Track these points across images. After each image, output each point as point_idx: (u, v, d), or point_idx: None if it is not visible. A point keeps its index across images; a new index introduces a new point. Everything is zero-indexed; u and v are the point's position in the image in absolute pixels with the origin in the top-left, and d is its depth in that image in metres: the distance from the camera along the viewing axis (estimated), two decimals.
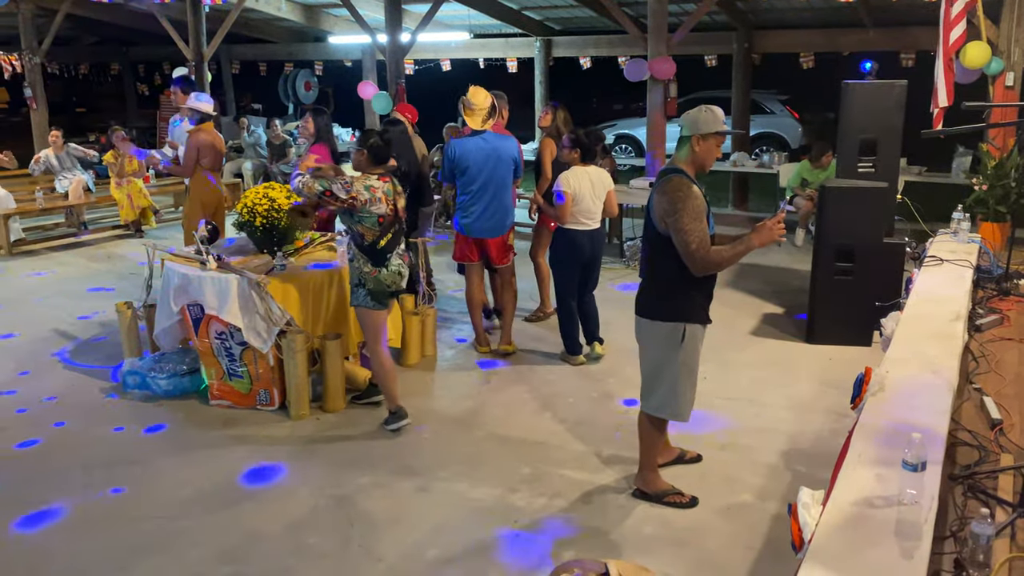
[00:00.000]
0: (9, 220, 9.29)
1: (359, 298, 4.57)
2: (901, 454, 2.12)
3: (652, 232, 3.65)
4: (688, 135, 3.62)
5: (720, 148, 3.65)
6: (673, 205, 3.49)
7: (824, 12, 11.02)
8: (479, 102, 5.56)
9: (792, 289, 7.38)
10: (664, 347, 3.69)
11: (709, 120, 3.57)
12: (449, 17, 13.64)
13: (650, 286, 3.74)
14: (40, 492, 4.09)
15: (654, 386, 3.78)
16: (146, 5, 10.38)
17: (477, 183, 5.59)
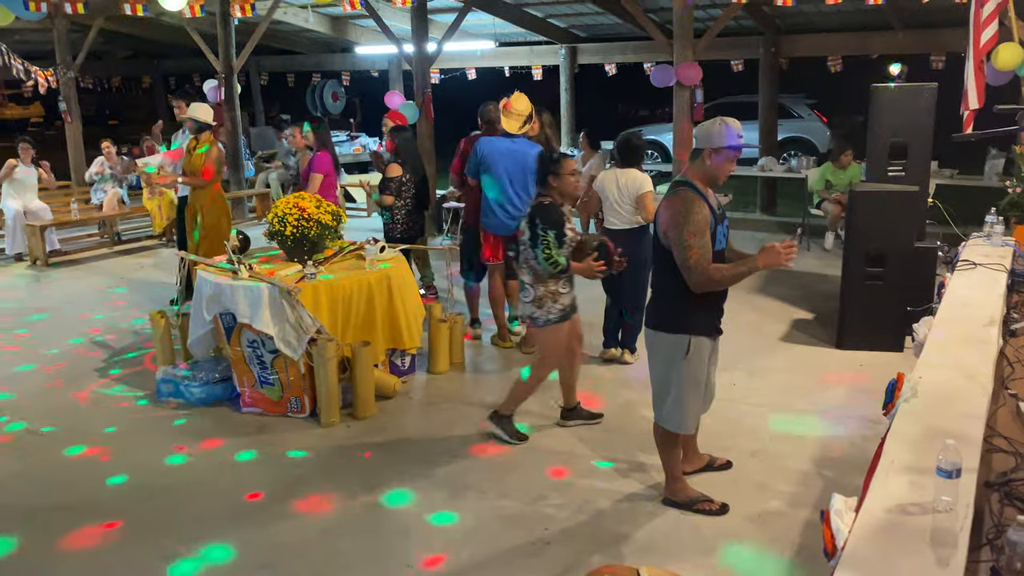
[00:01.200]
0: (45, 231, 9.48)
1: (552, 314, 4.44)
2: (935, 461, 2.10)
3: (656, 244, 3.66)
4: (700, 147, 3.60)
5: (735, 162, 3.61)
6: (675, 219, 3.48)
7: (852, 15, 10.94)
8: (520, 108, 5.78)
9: (822, 294, 7.32)
10: (670, 359, 3.69)
11: (722, 133, 3.52)
12: (475, 26, 13.72)
13: (657, 297, 3.77)
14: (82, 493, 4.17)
15: (663, 397, 3.79)
16: (176, 18, 10.55)
17: (502, 183, 5.80)
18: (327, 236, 5.32)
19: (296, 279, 4.96)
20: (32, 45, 14.38)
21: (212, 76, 12.03)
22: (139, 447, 4.73)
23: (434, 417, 5.07)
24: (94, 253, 10.09)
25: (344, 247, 5.65)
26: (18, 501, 4.15)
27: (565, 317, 4.50)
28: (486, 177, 5.84)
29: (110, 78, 20.40)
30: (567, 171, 4.41)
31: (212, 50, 11.44)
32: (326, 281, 5.03)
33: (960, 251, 4.96)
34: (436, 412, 5.15)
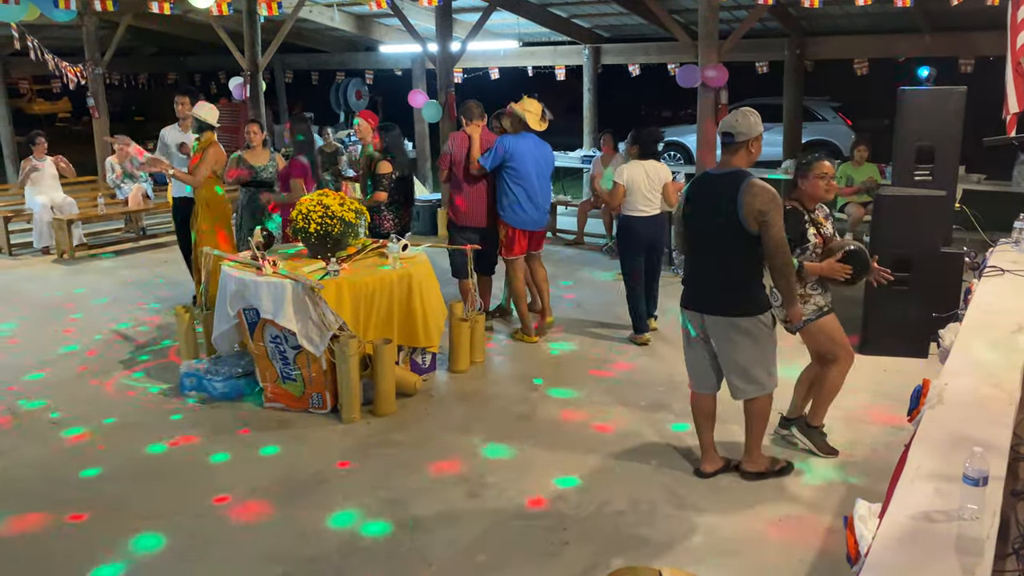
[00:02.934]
0: (72, 225, 9.59)
1: (807, 314, 4.30)
2: (961, 468, 2.08)
3: (734, 231, 3.78)
4: (744, 139, 3.85)
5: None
6: (774, 200, 3.73)
7: (879, 17, 10.84)
8: (536, 107, 6.16)
9: (845, 298, 7.22)
10: (762, 336, 3.95)
11: (759, 122, 3.89)
12: (498, 26, 13.72)
13: (734, 285, 3.90)
14: None
15: (753, 373, 3.97)
16: (203, 16, 10.64)
17: (528, 179, 6.10)
18: (350, 234, 5.35)
19: (319, 276, 5.00)
20: (62, 41, 14.54)
21: (237, 73, 12.12)
22: (150, 437, 4.78)
23: (453, 415, 5.09)
24: (119, 247, 10.20)
25: (367, 244, 5.68)
26: (44, 490, 4.22)
27: (823, 314, 4.36)
28: (512, 173, 6.05)
29: (137, 75, 20.60)
30: (816, 174, 4.22)
31: (238, 48, 11.52)
32: (349, 278, 5.06)
33: (987, 257, 4.90)
34: (456, 411, 5.17)
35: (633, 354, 6.07)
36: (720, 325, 3.94)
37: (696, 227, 3.99)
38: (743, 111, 3.90)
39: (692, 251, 4.07)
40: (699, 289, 4.01)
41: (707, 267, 3.97)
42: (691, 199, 4.01)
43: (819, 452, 4.45)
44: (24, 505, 4.06)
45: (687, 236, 4.09)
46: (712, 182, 3.93)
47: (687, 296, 4.07)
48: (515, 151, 6.04)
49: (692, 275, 4.06)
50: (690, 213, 4.00)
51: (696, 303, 4.01)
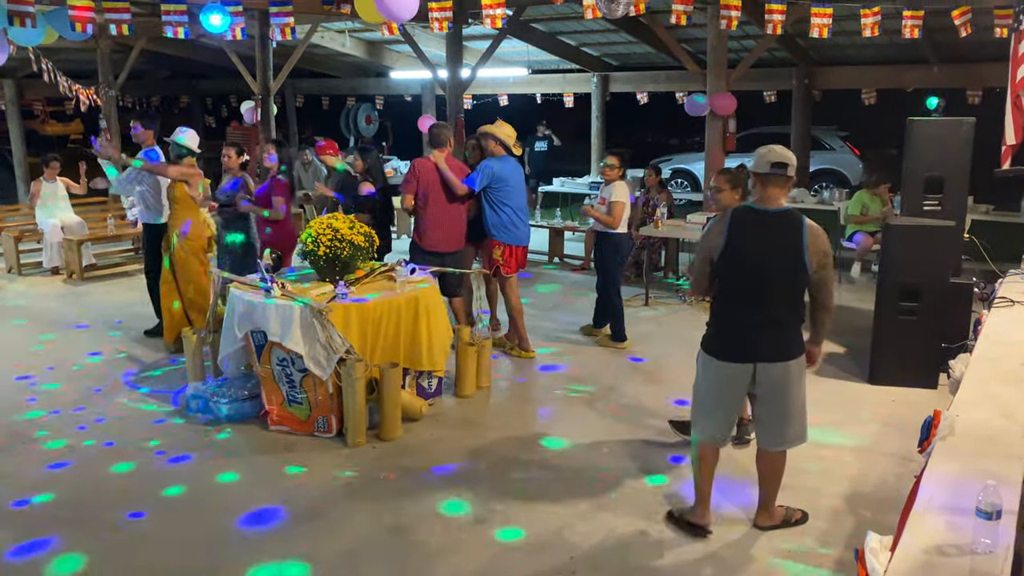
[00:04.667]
0: (82, 246, 9.64)
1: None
2: (974, 501, 2.06)
3: (795, 271, 3.60)
4: (794, 173, 3.67)
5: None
6: (827, 245, 3.63)
7: (887, 49, 10.92)
8: (512, 132, 6.41)
9: (853, 328, 7.23)
10: (803, 378, 3.78)
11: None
12: (508, 53, 13.86)
13: (794, 327, 3.70)
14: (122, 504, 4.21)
15: (797, 419, 3.80)
16: (216, 41, 10.76)
17: (515, 198, 6.33)
18: (359, 257, 5.37)
19: (327, 299, 5.00)
20: (76, 64, 14.73)
21: (249, 97, 12.24)
22: (164, 460, 4.76)
23: (459, 441, 5.07)
24: (128, 268, 10.24)
25: (375, 268, 5.69)
26: (71, 515, 4.20)
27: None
28: (501, 194, 6.25)
29: (150, 97, 20.82)
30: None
31: (250, 72, 11.65)
32: (356, 302, 5.07)
33: (997, 288, 4.89)
34: (462, 436, 5.14)
35: (641, 380, 6.05)
36: (779, 371, 3.66)
37: (750, 266, 3.62)
38: (781, 146, 3.70)
39: (741, 293, 3.68)
40: (754, 335, 3.66)
41: (764, 310, 3.63)
42: (738, 236, 3.63)
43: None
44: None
45: (731, 275, 3.68)
46: (764, 219, 3.62)
47: (737, 346, 3.69)
48: (502, 173, 6.24)
49: (742, 321, 3.68)
50: (740, 251, 3.62)
51: (752, 352, 3.66)
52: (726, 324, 3.75)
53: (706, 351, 3.81)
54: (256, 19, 10.80)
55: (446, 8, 8.07)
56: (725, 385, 3.76)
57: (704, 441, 3.89)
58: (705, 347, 3.83)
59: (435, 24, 8.14)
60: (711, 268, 3.73)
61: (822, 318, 3.81)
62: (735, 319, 3.72)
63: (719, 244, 3.65)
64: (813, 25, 7.78)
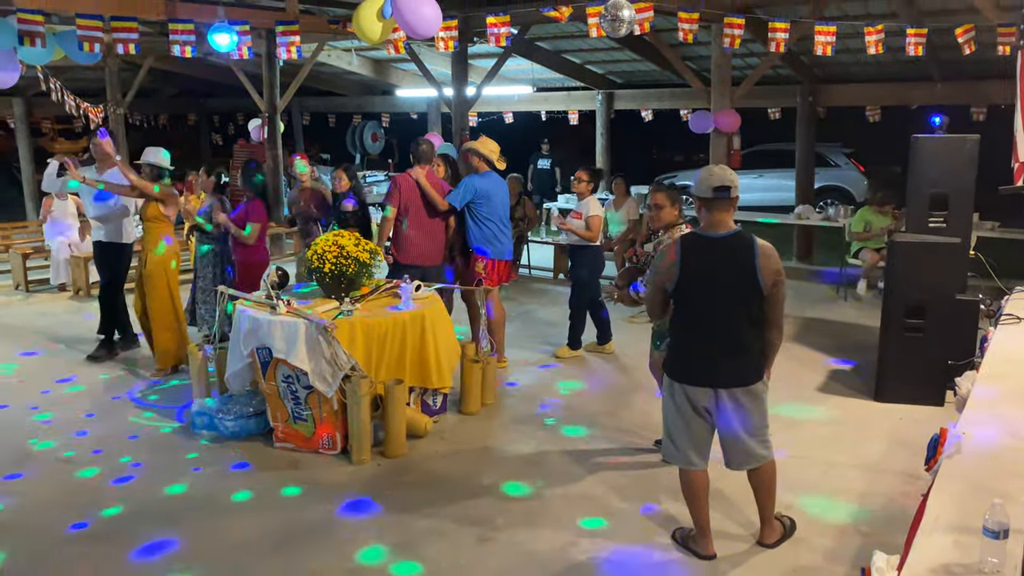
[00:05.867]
0: (89, 262, 9.68)
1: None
2: (981, 520, 2.05)
3: (749, 294, 3.58)
4: (735, 195, 3.63)
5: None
6: (779, 263, 3.61)
7: (891, 66, 10.95)
8: (496, 147, 6.53)
9: (859, 345, 7.21)
10: (765, 397, 3.78)
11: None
12: (513, 72, 13.94)
13: (749, 352, 3.66)
14: (144, 526, 4.20)
15: (767, 436, 3.82)
16: (223, 60, 10.85)
17: (498, 212, 6.45)
18: (364, 274, 5.38)
19: (332, 316, 5.01)
20: (84, 83, 14.87)
21: (256, 115, 12.32)
22: (172, 477, 4.77)
23: (464, 459, 5.06)
24: (133, 285, 10.24)
25: (380, 285, 5.70)
26: (52, 529, 4.20)
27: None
28: (484, 210, 6.37)
29: (157, 115, 20.98)
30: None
31: (257, 90, 11.73)
32: (362, 318, 5.08)
33: (1003, 305, 4.88)
34: (466, 454, 5.13)
35: (647, 398, 6.03)
36: (738, 395, 3.66)
37: (705, 294, 3.63)
38: (720, 166, 3.70)
39: (697, 320, 3.68)
40: (714, 361, 3.66)
41: (721, 336, 3.63)
42: (690, 265, 3.62)
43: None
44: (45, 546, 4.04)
45: (687, 303, 3.69)
46: (715, 245, 3.61)
47: (697, 371, 3.69)
48: (485, 189, 6.36)
49: (702, 346, 3.68)
50: (693, 280, 3.62)
51: (711, 377, 3.66)
52: (685, 349, 3.75)
53: (671, 376, 3.78)
54: (263, 38, 10.89)
55: (451, 28, 8.13)
56: (691, 410, 3.73)
57: (689, 469, 3.82)
58: (669, 372, 3.80)
59: (441, 43, 8.20)
60: (664, 296, 3.76)
61: (772, 337, 3.74)
62: (694, 344, 3.72)
63: (673, 275, 3.64)
64: (816, 43, 7.81)
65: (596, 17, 7.25)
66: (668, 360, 3.84)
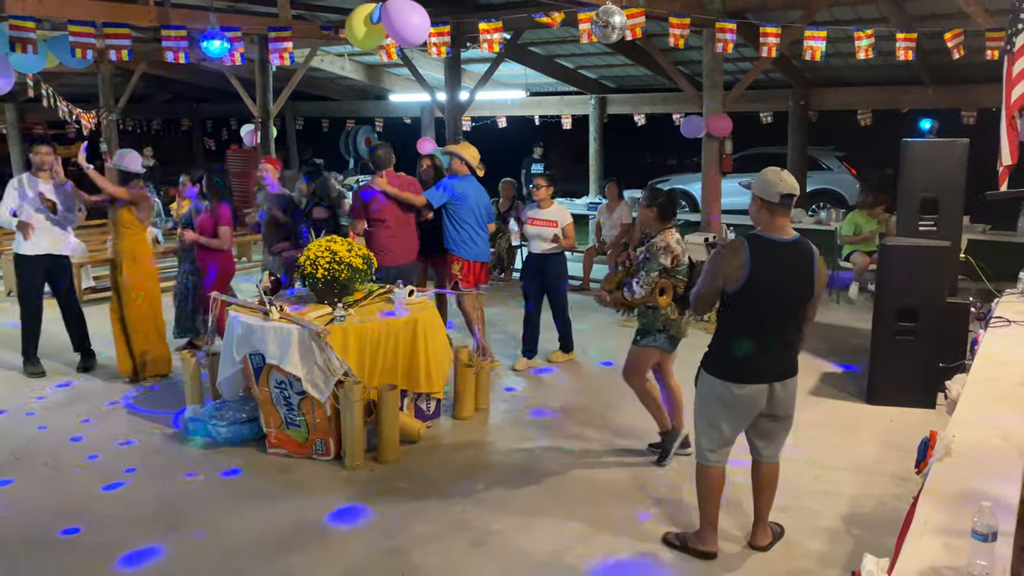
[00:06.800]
0: (81, 268, 9.66)
1: (657, 340, 4.82)
2: (970, 523, 2.06)
3: (807, 298, 3.74)
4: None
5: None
6: (826, 271, 3.80)
7: (883, 70, 11.00)
8: (476, 153, 6.72)
9: (851, 348, 7.24)
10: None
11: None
12: (506, 76, 13.95)
13: (796, 347, 3.83)
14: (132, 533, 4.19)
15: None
16: (216, 65, 10.84)
17: (475, 216, 6.55)
18: (357, 279, 5.38)
19: (325, 321, 5.01)
20: (78, 88, 14.83)
21: (249, 120, 12.31)
22: (164, 482, 4.76)
23: (458, 463, 5.06)
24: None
25: (373, 290, 5.70)
26: (45, 536, 4.19)
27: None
28: (460, 212, 6.48)
29: (151, 121, 20.94)
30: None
31: (250, 95, 11.72)
32: (355, 324, 5.08)
33: (993, 308, 4.90)
34: (460, 458, 5.14)
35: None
36: (790, 387, 3.80)
37: (771, 295, 3.64)
38: (786, 171, 3.74)
39: (761, 320, 3.68)
40: (775, 357, 3.72)
41: (781, 334, 3.72)
42: (759, 266, 3.59)
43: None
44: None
45: (751, 304, 3.65)
46: (781, 249, 3.66)
47: (757, 370, 3.70)
48: (463, 191, 6.48)
49: (761, 345, 3.68)
50: (762, 281, 3.60)
51: (770, 373, 3.72)
52: (744, 349, 3.69)
53: (720, 377, 3.74)
54: (255, 44, 10.88)
55: (444, 33, 8.14)
56: (743, 409, 3.75)
57: (713, 466, 3.86)
58: (718, 373, 3.75)
59: (433, 49, 8.20)
60: (718, 295, 3.72)
61: (805, 333, 3.92)
62: (754, 344, 3.69)
63: (740, 275, 3.60)
64: (806, 47, 7.84)
65: (587, 23, 7.26)
66: (718, 360, 3.78)
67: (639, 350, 4.88)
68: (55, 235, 6.70)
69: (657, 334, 4.81)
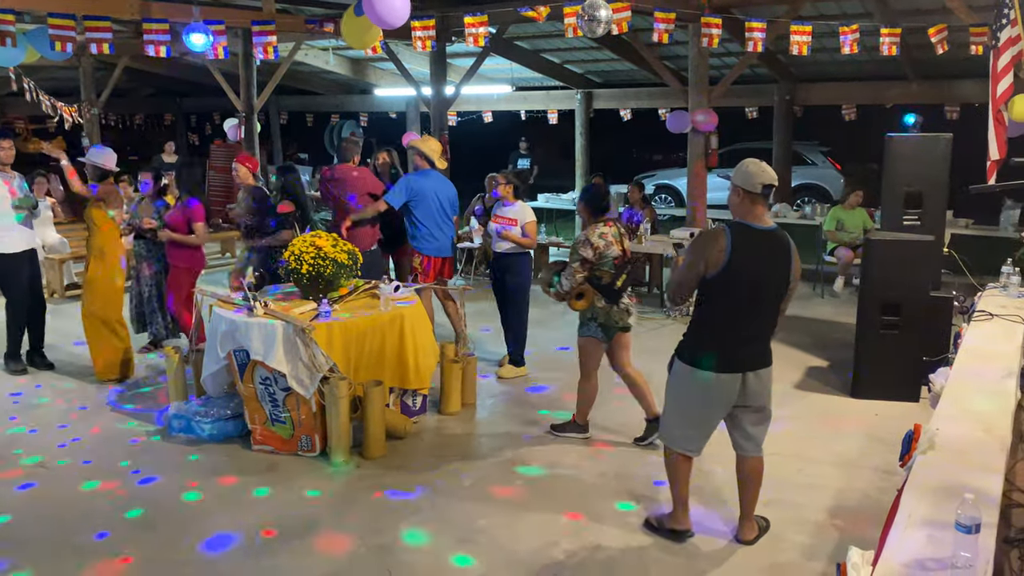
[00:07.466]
0: (63, 264, 9.58)
1: (591, 329, 5.04)
2: (954, 515, 2.07)
3: (783, 286, 3.80)
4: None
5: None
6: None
7: (867, 65, 11.05)
8: (437, 146, 6.70)
9: (836, 342, 7.27)
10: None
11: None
12: (492, 71, 13.91)
13: (771, 336, 3.90)
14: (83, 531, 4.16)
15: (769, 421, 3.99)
16: (199, 59, 10.76)
17: (435, 211, 6.53)
18: (343, 275, 5.36)
19: (310, 317, 4.99)
20: (59, 82, 14.69)
21: (233, 115, 12.22)
22: (155, 480, 4.72)
23: (444, 459, 5.05)
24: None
25: (359, 286, 5.68)
26: (33, 536, 4.14)
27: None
28: (419, 209, 6.48)
29: (133, 115, 20.77)
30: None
31: (233, 89, 11.63)
32: (340, 320, 5.05)
33: (976, 301, 4.94)
34: (446, 454, 5.13)
35: (624, 397, 6.05)
36: (764, 378, 3.82)
37: (749, 283, 3.66)
38: (764, 163, 3.74)
39: (738, 308, 3.70)
40: (750, 346, 3.77)
41: (757, 323, 3.78)
42: (740, 252, 3.62)
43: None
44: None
45: (729, 291, 3.67)
46: (761, 237, 3.70)
47: (731, 358, 3.72)
48: (421, 188, 6.48)
49: (737, 334, 3.72)
50: (741, 268, 3.63)
51: (744, 362, 3.75)
52: (720, 337, 3.73)
53: (694, 365, 3.75)
54: (239, 37, 10.80)
55: (429, 27, 8.11)
56: (716, 398, 3.77)
57: (682, 453, 3.92)
58: (692, 361, 3.77)
59: (418, 42, 8.17)
60: (698, 282, 3.73)
61: (777, 323, 3.98)
62: (729, 332, 3.73)
63: (720, 260, 3.61)
64: (793, 42, 7.86)
65: (573, 17, 7.25)
66: (692, 348, 3.80)
67: (579, 340, 5.15)
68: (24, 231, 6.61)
69: (589, 323, 5.04)
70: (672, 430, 3.94)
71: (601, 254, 4.89)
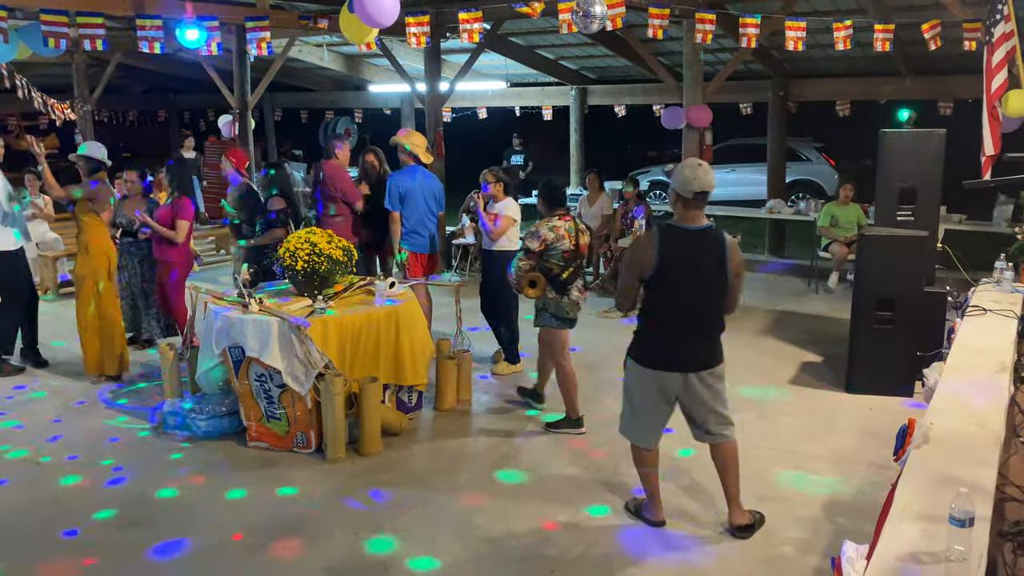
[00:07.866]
0: (57, 262, 9.54)
1: (544, 319, 5.28)
2: (948, 509, 2.08)
3: (721, 283, 3.83)
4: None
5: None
6: (742, 259, 3.90)
7: (861, 61, 11.04)
8: (422, 141, 6.80)
9: (830, 337, 7.29)
10: (724, 377, 4.02)
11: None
12: (487, 67, 13.88)
13: (716, 334, 3.93)
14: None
15: (724, 411, 4.01)
16: (193, 56, 10.69)
17: (420, 208, 6.61)
18: (337, 271, 5.35)
19: (306, 314, 4.98)
20: (51, 79, 14.59)
21: (227, 111, 12.17)
22: (135, 478, 4.71)
23: (439, 455, 5.05)
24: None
25: (354, 282, 5.67)
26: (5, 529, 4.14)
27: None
28: (406, 206, 6.56)
29: (126, 112, 20.67)
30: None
31: (227, 86, 11.58)
32: (335, 316, 5.05)
33: (970, 296, 4.95)
34: (441, 450, 5.13)
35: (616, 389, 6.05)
36: (708, 377, 3.88)
37: (681, 281, 3.78)
38: (703, 167, 3.78)
39: (674, 308, 3.82)
40: (688, 345, 3.85)
41: (696, 323, 3.84)
42: (669, 252, 3.74)
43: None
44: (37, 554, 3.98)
45: (663, 291, 3.80)
46: (691, 237, 3.79)
47: (672, 358, 3.85)
48: (404, 186, 6.56)
49: (675, 333, 3.83)
50: (671, 268, 3.75)
51: (685, 362, 3.84)
52: (658, 336, 3.90)
53: (638, 362, 3.94)
54: (233, 33, 10.75)
55: (423, 23, 8.08)
56: (658, 394, 3.92)
57: (641, 447, 4.07)
58: (637, 358, 3.95)
59: (413, 38, 8.14)
60: (638, 285, 3.88)
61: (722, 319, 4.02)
62: (668, 332, 3.88)
63: (652, 259, 3.75)
64: (788, 39, 7.86)
65: (567, 13, 7.24)
66: (636, 345, 3.98)
67: (540, 333, 5.38)
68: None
69: (542, 313, 5.27)
70: (627, 423, 4.11)
71: (549, 246, 5.07)
